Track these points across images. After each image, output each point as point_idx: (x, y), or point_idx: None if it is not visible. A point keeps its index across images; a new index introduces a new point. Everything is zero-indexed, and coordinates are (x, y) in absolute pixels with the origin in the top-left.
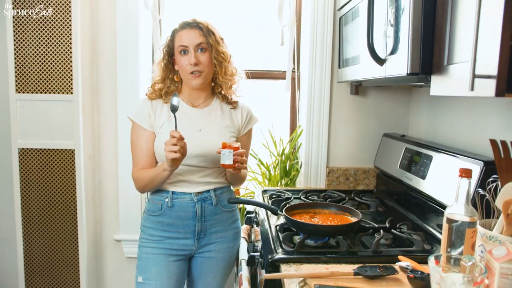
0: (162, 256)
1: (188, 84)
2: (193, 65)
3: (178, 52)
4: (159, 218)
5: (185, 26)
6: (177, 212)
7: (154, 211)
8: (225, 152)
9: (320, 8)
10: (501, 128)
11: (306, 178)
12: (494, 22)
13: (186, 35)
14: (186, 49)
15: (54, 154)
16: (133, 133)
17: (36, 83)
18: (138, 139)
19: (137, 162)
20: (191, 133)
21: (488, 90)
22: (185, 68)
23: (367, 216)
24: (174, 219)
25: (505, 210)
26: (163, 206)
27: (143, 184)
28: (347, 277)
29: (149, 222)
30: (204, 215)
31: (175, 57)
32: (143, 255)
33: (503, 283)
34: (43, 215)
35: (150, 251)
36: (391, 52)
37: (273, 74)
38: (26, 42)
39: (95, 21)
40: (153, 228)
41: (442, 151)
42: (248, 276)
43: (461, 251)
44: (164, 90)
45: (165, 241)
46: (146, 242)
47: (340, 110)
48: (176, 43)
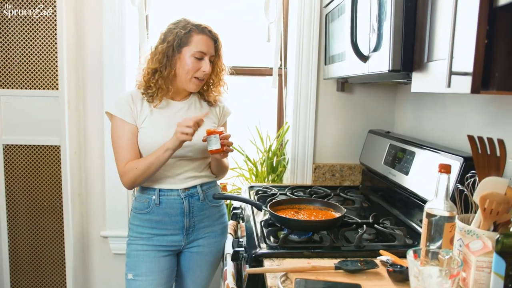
0: (151, 252)
1: (186, 86)
2: (205, 73)
3: (193, 55)
4: (147, 215)
5: (207, 33)
6: (164, 209)
7: (141, 209)
8: (211, 137)
9: (307, 5)
10: (482, 124)
11: (293, 174)
12: (470, 20)
13: (206, 42)
14: (203, 56)
15: (40, 150)
16: (116, 128)
17: (21, 79)
18: (123, 134)
19: (123, 157)
20: (175, 125)
21: (464, 87)
22: (194, 72)
23: (351, 212)
24: (162, 216)
25: (482, 204)
26: (150, 203)
27: (137, 174)
28: (328, 271)
29: (137, 220)
30: (192, 210)
31: (182, 54)
32: (133, 253)
33: (479, 276)
34: (28, 212)
35: (140, 248)
36: (374, 49)
37: (260, 71)
38: (10, 37)
39: (80, 16)
40: (142, 226)
41: (424, 147)
42: (233, 271)
43: (440, 245)
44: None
45: (154, 238)
46: (135, 239)
47: (326, 107)
48: (195, 46)
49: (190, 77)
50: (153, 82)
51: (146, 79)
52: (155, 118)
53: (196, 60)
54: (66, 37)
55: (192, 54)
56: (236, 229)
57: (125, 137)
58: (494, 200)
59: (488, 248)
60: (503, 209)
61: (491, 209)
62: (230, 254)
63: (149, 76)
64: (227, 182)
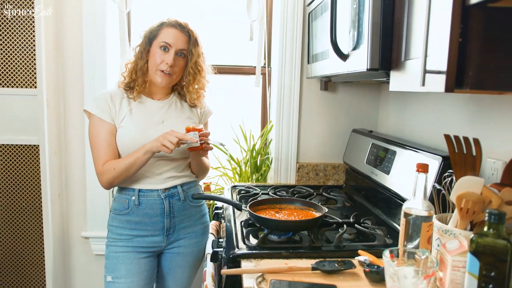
0: (131, 253)
1: (153, 79)
2: (168, 65)
3: (158, 45)
4: (126, 216)
5: (177, 26)
6: (144, 209)
7: (120, 210)
8: (190, 135)
9: (290, 3)
10: (461, 123)
11: (277, 173)
12: (444, 18)
13: (174, 34)
14: (167, 46)
15: (18, 150)
16: (94, 127)
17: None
18: (101, 133)
19: (100, 157)
20: (155, 125)
21: (438, 86)
22: (158, 64)
23: (334, 212)
24: (142, 217)
25: (459, 204)
26: (130, 204)
27: (114, 175)
28: (305, 272)
29: (116, 221)
30: (173, 211)
31: (152, 47)
32: (112, 254)
33: (455, 275)
34: (7, 213)
35: (119, 249)
36: (354, 48)
37: (244, 70)
38: None
39: (60, 12)
40: (121, 227)
41: (405, 147)
42: (212, 272)
43: (417, 244)
44: (132, 82)
45: (134, 239)
46: (114, 241)
47: (310, 106)
48: (161, 37)
49: (155, 69)
50: (129, 76)
51: (126, 74)
52: (134, 117)
53: (161, 52)
54: (45, 34)
55: (158, 45)
56: (218, 229)
57: (102, 136)
58: (470, 200)
59: (464, 247)
60: (479, 209)
61: (468, 209)
62: (210, 254)
63: (129, 71)
64: (210, 182)
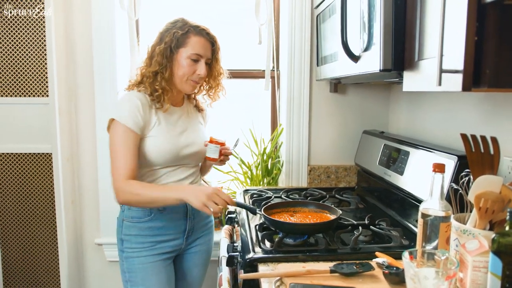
0: (158, 262)
1: (183, 87)
2: (201, 76)
3: (189, 56)
4: (148, 223)
5: (204, 35)
6: (169, 214)
7: (141, 217)
8: (212, 146)
9: (298, 6)
10: (476, 123)
11: (288, 176)
12: (459, 17)
13: (202, 44)
14: (199, 58)
15: (31, 158)
16: (120, 135)
17: (10, 87)
18: (127, 142)
19: (121, 167)
20: (180, 134)
21: (455, 85)
22: (189, 75)
23: (347, 214)
24: (166, 221)
25: (477, 203)
26: (152, 211)
27: (137, 200)
28: (323, 275)
29: (135, 230)
30: (193, 212)
31: (178, 55)
32: (137, 266)
33: (476, 276)
34: (21, 221)
35: (144, 260)
36: (365, 49)
37: (253, 73)
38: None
39: (70, 21)
40: (142, 235)
41: (418, 147)
42: (228, 276)
43: (436, 245)
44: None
45: (157, 246)
46: (135, 251)
47: (320, 108)
48: (191, 47)
49: (186, 79)
50: (157, 85)
51: (149, 83)
52: (162, 126)
53: (191, 62)
54: (56, 43)
55: (188, 56)
56: (231, 233)
57: (127, 146)
58: (489, 199)
59: (484, 247)
60: (499, 208)
61: (486, 208)
62: (225, 257)
63: (151, 80)
64: (222, 186)
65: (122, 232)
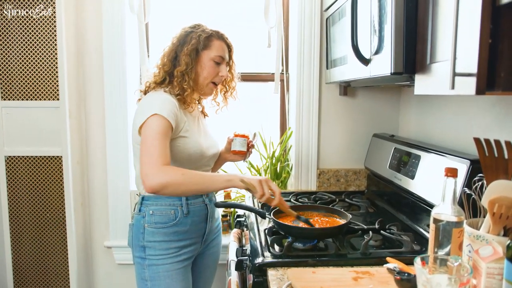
0: (182, 269)
1: (203, 90)
2: (223, 78)
3: (212, 58)
4: (173, 228)
5: (224, 39)
6: (192, 217)
7: (166, 222)
8: (240, 140)
9: (307, 9)
10: (488, 126)
11: (297, 180)
12: (473, 19)
13: (223, 47)
14: (221, 61)
15: (42, 161)
16: (161, 127)
17: (22, 90)
18: (167, 134)
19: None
20: (203, 136)
21: (469, 89)
22: (212, 77)
23: (357, 218)
24: (189, 225)
25: (491, 209)
26: (177, 215)
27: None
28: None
29: (160, 236)
30: (211, 215)
31: (201, 58)
32: (163, 274)
33: (490, 283)
34: (31, 223)
35: (170, 267)
36: (375, 52)
37: (262, 76)
38: (10, 49)
39: (80, 25)
40: (167, 241)
41: (430, 151)
42: (237, 280)
43: (448, 251)
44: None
45: (181, 252)
46: (161, 258)
47: (329, 111)
48: (215, 50)
49: (208, 82)
50: (186, 84)
51: (178, 82)
52: (191, 127)
53: (214, 65)
54: (66, 47)
55: (212, 58)
56: (240, 237)
57: (167, 137)
58: (503, 204)
59: (498, 254)
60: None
61: (501, 214)
62: (234, 261)
63: (179, 79)
64: (231, 190)
65: (145, 239)
